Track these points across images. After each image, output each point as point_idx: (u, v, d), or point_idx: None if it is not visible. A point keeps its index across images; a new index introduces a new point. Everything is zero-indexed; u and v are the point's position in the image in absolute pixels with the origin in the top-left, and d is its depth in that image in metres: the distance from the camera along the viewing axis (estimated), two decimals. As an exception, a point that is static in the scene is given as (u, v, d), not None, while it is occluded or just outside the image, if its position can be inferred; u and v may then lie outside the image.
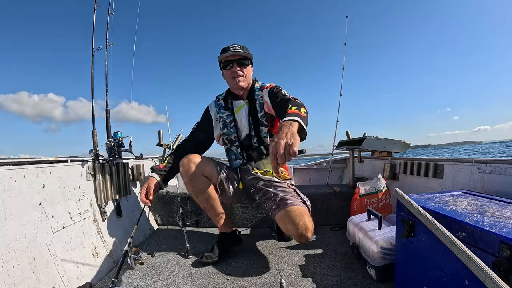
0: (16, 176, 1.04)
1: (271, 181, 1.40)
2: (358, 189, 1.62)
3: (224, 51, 1.39)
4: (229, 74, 1.40)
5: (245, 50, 1.40)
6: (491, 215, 0.77)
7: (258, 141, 1.43)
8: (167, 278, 1.19)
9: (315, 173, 2.78)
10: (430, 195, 1.05)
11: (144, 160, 2.07)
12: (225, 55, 1.37)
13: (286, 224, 1.19)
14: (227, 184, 1.43)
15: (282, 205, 1.25)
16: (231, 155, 1.54)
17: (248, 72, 1.44)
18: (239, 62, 1.39)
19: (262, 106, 1.41)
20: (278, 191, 1.33)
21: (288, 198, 1.27)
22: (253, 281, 1.17)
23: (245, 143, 1.46)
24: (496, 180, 1.16)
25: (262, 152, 1.33)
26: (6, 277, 0.87)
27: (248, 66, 1.42)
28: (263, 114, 1.41)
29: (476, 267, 0.46)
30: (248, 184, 1.48)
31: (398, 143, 1.89)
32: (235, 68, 1.38)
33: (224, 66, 1.41)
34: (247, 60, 1.42)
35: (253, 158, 1.37)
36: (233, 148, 1.50)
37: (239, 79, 1.39)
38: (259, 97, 1.43)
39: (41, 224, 1.08)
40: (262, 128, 1.42)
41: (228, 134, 1.47)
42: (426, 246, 0.85)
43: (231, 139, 1.47)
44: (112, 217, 1.53)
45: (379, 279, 1.11)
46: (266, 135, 1.43)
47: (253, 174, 1.45)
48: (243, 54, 1.38)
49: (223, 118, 1.48)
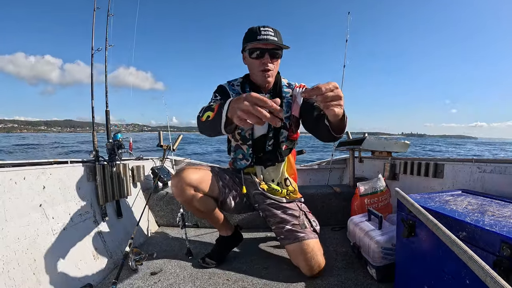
0: (16, 178, 1.04)
1: (279, 202, 1.28)
2: (358, 189, 1.62)
3: (253, 34, 1.13)
4: (257, 65, 1.16)
5: (279, 37, 1.15)
6: (492, 214, 0.77)
7: (274, 144, 1.26)
8: (167, 279, 1.19)
9: (315, 173, 2.78)
10: (431, 194, 1.05)
11: (144, 161, 2.07)
12: (255, 43, 1.11)
13: (298, 260, 1.18)
14: (229, 199, 1.30)
15: (291, 238, 1.18)
16: (238, 154, 1.33)
17: (278, 65, 1.22)
18: (272, 52, 1.14)
19: (290, 106, 1.24)
20: (286, 217, 1.23)
21: (298, 231, 1.19)
22: (254, 282, 1.16)
23: (257, 144, 1.27)
24: (496, 179, 1.17)
25: (276, 158, 1.23)
26: (7, 278, 0.87)
27: (280, 57, 1.19)
28: (288, 115, 1.24)
29: (476, 267, 0.46)
30: (253, 199, 1.35)
31: (398, 143, 1.89)
32: (266, 60, 1.14)
33: (251, 53, 1.15)
34: (280, 51, 1.17)
35: (264, 163, 1.27)
36: (244, 146, 1.29)
37: (269, 73, 1.17)
38: (288, 96, 1.25)
39: (41, 226, 1.08)
40: (283, 131, 1.25)
41: (241, 129, 1.25)
42: (426, 245, 0.85)
43: (244, 135, 1.26)
44: (113, 218, 1.53)
45: (380, 279, 1.11)
46: (284, 140, 1.27)
47: (259, 190, 1.30)
48: (278, 44, 1.13)
49: None
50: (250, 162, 1.30)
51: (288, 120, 1.25)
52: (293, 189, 1.35)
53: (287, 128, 1.26)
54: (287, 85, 1.28)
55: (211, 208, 1.28)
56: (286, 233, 1.21)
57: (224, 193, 1.28)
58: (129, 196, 1.72)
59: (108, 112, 1.68)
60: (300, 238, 1.18)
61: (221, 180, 1.29)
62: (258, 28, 1.14)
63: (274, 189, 1.30)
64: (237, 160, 1.35)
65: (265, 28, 1.13)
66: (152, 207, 1.93)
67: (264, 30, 1.12)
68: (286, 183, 1.35)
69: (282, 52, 1.19)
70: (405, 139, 1.99)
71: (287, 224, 1.22)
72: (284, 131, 1.26)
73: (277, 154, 1.28)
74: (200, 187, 1.20)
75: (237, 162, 1.35)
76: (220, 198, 1.29)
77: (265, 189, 1.30)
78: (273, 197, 1.29)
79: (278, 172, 1.34)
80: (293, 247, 1.19)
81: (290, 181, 1.36)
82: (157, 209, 1.93)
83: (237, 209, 1.38)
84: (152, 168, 2.10)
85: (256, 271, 1.25)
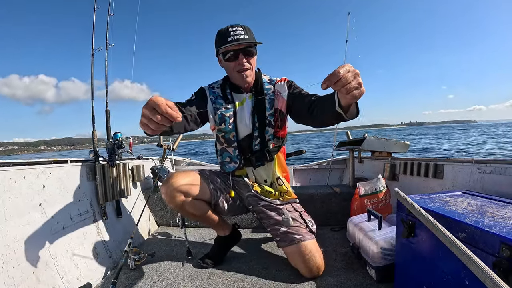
0: (16, 177, 1.04)
1: (273, 204, 1.26)
2: (358, 189, 1.62)
3: (223, 36, 1.10)
4: (233, 67, 1.14)
5: (250, 34, 1.12)
6: (491, 215, 0.77)
7: (261, 143, 1.23)
8: (167, 279, 1.19)
9: (315, 173, 2.78)
10: (430, 195, 1.05)
11: (144, 161, 2.08)
12: (226, 45, 1.09)
13: (296, 262, 1.17)
14: (221, 201, 1.29)
15: (287, 240, 1.17)
16: (225, 157, 1.30)
17: (255, 62, 1.19)
18: (245, 51, 1.12)
19: (273, 103, 1.21)
20: (282, 218, 1.21)
21: (294, 233, 1.18)
22: (253, 281, 1.16)
23: (243, 145, 1.24)
24: (496, 180, 1.17)
25: (264, 157, 1.22)
26: (6, 277, 0.87)
27: (255, 55, 1.17)
28: (272, 112, 1.22)
29: (476, 268, 0.46)
30: (247, 201, 1.33)
31: (398, 143, 1.89)
32: (241, 60, 1.12)
33: (225, 55, 1.13)
34: (254, 48, 1.15)
35: (253, 164, 1.25)
36: (230, 149, 1.27)
37: (247, 73, 1.15)
38: (270, 92, 1.22)
39: (41, 225, 1.08)
40: (268, 129, 1.22)
41: (225, 132, 1.22)
42: (426, 246, 0.85)
43: (228, 138, 1.23)
44: (112, 218, 1.53)
45: (379, 280, 1.11)
46: (271, 138, 1.24)
47: (252, 192, 1.28)
48: (250, 41, 1.10)
49: (221, 111, 1.20)
50: (239, 164, 1.27)
51: (272, 117, 1.22)
52: (285, 189, 1.28)
53: (272, 125, 1.22)
54: (269, 81, 1.26)
55: (204, 211, 1.27)
56: (282, 235, 1.19)
57: (216, 196, 1.27)
58: (128, 195, 1.72)
59: (108, 112, 1.68)
60: (296, 240, 1.16)
61: (212, 183, 1.28)
62: (227, 29, 1.11)
63: (267, 191, 1.28)
64: (224, 163, 1.31)
65: (234, 28, 1.10)
66: (152, 207, 1.93)
67: (233, 30, 1.10)
68: (278, 183, 1.30)
69: (256, 49, 1.17)
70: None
71: (283, 226, 1.20)
72: (269, 129, 1.23)
73: (265, 152, 1.24)
74: (190, 192, 1.19)
75: (225, 165, 1.31)
76: (212, 201, 1.28)
77: (258, 191, 1.28)
78: (267, 199, 1.27)
79: (270, 172, 1.31)
80: (290, 250, 1.18)
81: (283, 180, 1.30)
82: (157, 209, 1.94)
83: (231, 211, 1.37)
84: (152, 168, 2.10)
85: (256, 271, 1.25)
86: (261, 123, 1.21)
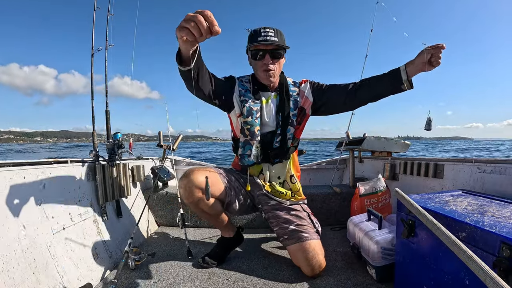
0: (16, 177, 1.04)
1: (283, 204, 1.30)
2: (358, 189, 1.62)
3: (254, 35, 1.17)
4: (259, 66, 1.20)
5: (281, 37, 1.18)
6: (491, 215, 0.77)
7: (281, 141, 1.27)
8: (167, 279, 1.19)
9: (315, 173, 2.78)
10: (430, 195, 1.05)
11: (144, 161, 2.08)
12: (256, 44, 1.15)
13: (299, 260, 1.18)
14: (234, 201, 1.31)
15: (295, 238, 1.20)
16: (246, 150, 1.28)
17: (281, 65, 1.25)
18: (273, 53, 1.17)
19: (297, 104, 1.27)
20: (290, 217, 1.25)
21: (302, 231, 1.21)
22: (254, 281, 1.16)
23: (265, 140, 1.27)
24: (496, 180, 1.17)
25: (283, 155, 1.25)
26: (7, 278, 0.87)
27: (282, 57, 1.22)
28: (295, 112, 1.27)
29: (476, 267, 0.46)
30: (257, 199, 1.37)
31: (398, 143, 1.89)
32: (267, 60, 1.17)
33: (254, 55, 1.19)
34: (282, 51, 1.20)
35: (271, 160, 1.28)
36: (253, 142, 1.26)
37: (271, 73, 1.20)
38: (295, 94, 1.28)
39: (41, 225, 1.08)
40: (290, 128, 1.27)
41: (251, 125, 1.24)
42: (426, 246, 0.85)
43: (253, 131, 1.24)
44: (112, 218, 1.53)
45: (380, 279, 1.11)
46: (291, 137, 1.28)
47: (263, 191, 1.32)
48: (278, 43, 1.16)
49: (250, 105, 1.23)
50: (258, 159, 1.26)
51: (295, 117, 1.28)
52: (297, 188, 1.34)
53: (293, 125, 1.27)
54: (293, 83, 1.32)
55: (217, 210, 1.29)
56: (290, 233, 1.22)
57: (230, 195, 1.29)
58: (129, 195, 1.72)
59: (108, 112, 1.68)
60: (303, 238, 1.19)
61: (227, 182, 1.30)
62: (259, 29, 1.17)
63: (278, 191, 1.31)
64: (245, 156, 1.29)
65: (266, 29, 1.16)
66: (152, 207, 1.93)
67: (265, 31, 1.16)
68: (291, 180, 1.35)
69: (284, 52, 1.22)
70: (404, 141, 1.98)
71: (291, 225, 1.23)
72: (290, 128, 1.27)
73: (284, 150, 1.28)
74: (212, 190, 1.20)
75: (245, 158, 1.29)
76: (226, 200, 1.29)
77: (269, 191, 1.32)
78: (277, 199, 1.31)
79: (284, 169, 1.35)
80: (295, 247, 1.20)
81: (296, 179, 1.36)
82: (157, 209, 1.94)
83: (241, 211, 1.39)
84: (152, 168, 2.10)
85: (256, 271, 1.26)
86: (284, 121, 1.26)
